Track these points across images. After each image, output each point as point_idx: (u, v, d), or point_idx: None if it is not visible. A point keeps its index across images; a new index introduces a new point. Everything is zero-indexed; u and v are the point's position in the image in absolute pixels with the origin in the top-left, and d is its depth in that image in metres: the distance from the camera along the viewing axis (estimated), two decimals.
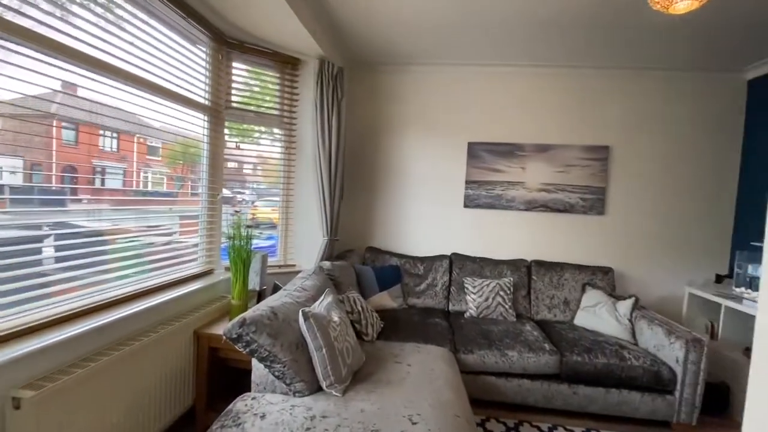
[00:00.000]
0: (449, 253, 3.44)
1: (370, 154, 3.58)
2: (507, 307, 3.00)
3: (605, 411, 2.42)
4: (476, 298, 3.03)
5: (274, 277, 2.77)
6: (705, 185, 3.24)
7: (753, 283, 2.64)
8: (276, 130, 3.01)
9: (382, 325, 2.60)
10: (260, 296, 2.38)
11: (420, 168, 3.53)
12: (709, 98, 3.21)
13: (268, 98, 2.94)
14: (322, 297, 2.00)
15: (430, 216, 3.54)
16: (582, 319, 2.99)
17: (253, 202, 3.09)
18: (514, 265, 3.27)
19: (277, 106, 2.96)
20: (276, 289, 2.36)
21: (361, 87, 3.56)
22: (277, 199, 3.05)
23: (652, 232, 3.29)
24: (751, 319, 2.68)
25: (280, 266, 2.97)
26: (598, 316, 2.92)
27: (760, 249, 2.69)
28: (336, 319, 1.83)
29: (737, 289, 2.72)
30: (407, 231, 3.58)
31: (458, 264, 3.31)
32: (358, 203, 3.61)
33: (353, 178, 3.59)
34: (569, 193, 3.36)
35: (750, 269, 2.69)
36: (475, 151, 3.44)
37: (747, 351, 2.66)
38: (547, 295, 3.15)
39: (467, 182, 3.46)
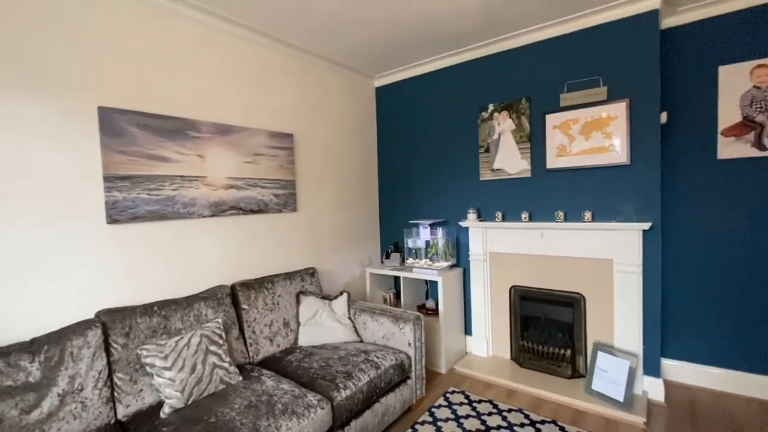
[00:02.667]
0: (94, 315, 1.83)
1: None
2: (226, 365, 1.97)
3: None
4: (176, 374, 1.77)
5: None
6: (362, 176, 3.62)
7: (417, 254, 3.22)
8: None
9: None
10: None
11: None
12: (359, 97, 3.57)
13: None
14: None
15: (29, 256, 1.71)
16: (308, 336, 2.51)
17: None
18: (214, 297, 2.22)
19: None
20: None
21: None
22: None
23: (333, 223, 3.31)
24: (419, 282, 3.28)
25: None
26: (321, 325, 2.56)
27: (414, 226, 3.29)
28: None
29: (408, 261, 3.23)
30: None
31: (118, 328, 1.81)
32: None
33: None
34: (262, 189, 2.70)
35: (410, 243, 3.26)
36: (116, 124, 1.96)
37: (419, 308, 3.25)
38: (265, 324, 2.39)
39: (109, 179, 1.94)
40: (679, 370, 2.66)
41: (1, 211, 1.63)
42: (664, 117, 2.43)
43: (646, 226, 2.37)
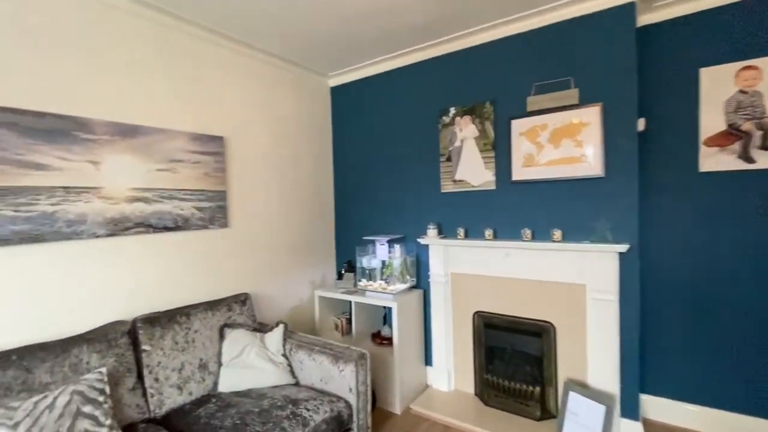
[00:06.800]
0: None
1: None
2: (105, 431, 1.54)
3: None
4: None
5: None
6: (314, 185, 3.23)
7: (371, 275, 2.84)
8: None
9: None
10: None
11: None
12: (312, 97, 3.19)
13: None
14: None
15: None
16: (231, 380, 2.09)
17: None
18: (103, 338, 1.79)
19: None
20: None
21: None
22: None
23: (278, 240, 2.90)
24: (375, 306, 2.91)
25: None
26: (248, 366, 2.14)
27: (369, 242, 2.92)
28: None
29: (361, 283, 2.85)
30: None
31: None
32: None
33: None
34: (181, 202, 2.28)
35: (364, 262, 2.88)
36: None
37: (373, 336, 2.87)
38: (173, 368, 1.96)
39: None
40: (658, 408, 2.36)
41: None
42: (641, 124, 2.15)
43: (623, 248, 2.06)
